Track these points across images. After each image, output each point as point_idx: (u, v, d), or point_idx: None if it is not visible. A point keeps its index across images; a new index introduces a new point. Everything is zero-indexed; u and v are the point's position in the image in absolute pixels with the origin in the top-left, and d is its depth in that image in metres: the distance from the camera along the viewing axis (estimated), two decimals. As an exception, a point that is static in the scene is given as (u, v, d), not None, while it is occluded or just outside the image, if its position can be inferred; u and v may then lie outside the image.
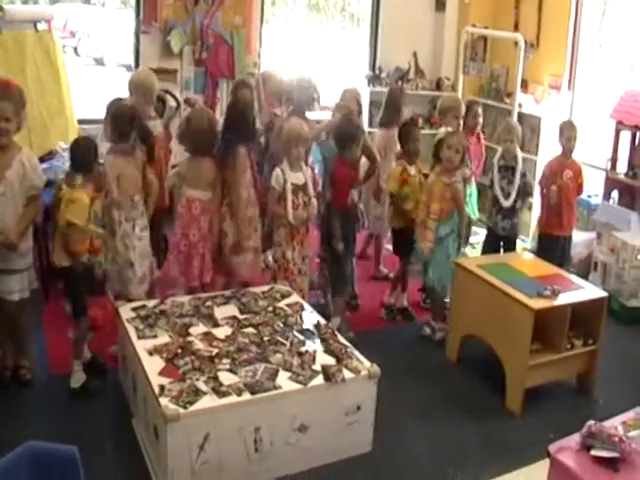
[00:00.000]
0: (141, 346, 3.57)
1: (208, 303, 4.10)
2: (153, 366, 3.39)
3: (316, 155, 5.00)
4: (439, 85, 7.86)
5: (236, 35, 6.85)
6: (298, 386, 3.34)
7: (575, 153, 5.27)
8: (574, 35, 6.98)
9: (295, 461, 3.37)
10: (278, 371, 3.42)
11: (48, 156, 4.99)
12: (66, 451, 2.29)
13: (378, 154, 5.08)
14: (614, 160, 6.27)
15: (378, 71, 7.80)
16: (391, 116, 5.62)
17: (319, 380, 3.39)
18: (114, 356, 4.13)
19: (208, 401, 3.15)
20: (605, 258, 5.71)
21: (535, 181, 5.57)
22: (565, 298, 4.10)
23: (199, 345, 3.62)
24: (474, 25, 7.67)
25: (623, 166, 6.21)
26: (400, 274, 5.27)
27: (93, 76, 13.10)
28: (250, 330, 3.83)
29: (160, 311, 3.96)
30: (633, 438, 2.74)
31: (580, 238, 6.04)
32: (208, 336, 3.73)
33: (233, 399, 3.18)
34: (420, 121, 7.58)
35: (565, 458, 2.72)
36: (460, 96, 7.12)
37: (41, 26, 5.58)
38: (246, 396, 3.21)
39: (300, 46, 12.63)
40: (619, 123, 6.12)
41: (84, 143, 3.93)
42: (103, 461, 3.36)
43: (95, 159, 3.90)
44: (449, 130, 5.20)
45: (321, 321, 4.00)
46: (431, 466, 3.57)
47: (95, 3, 16.16)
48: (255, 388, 3.26)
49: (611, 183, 6.28)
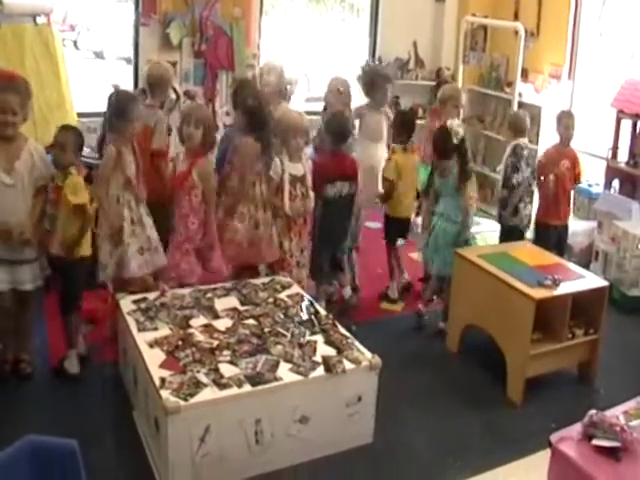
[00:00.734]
0: (142, 339, 3.57)
1: (208, 295, 4.10)
2: (154, 358, 3.39)
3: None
4: (439, 75, 7.84)
5: (235, 27, 6.83)
6: (299, 377, 3.34)
7: (576, 142, 5.26)
8: (574, 24, 6.96)
9: (296, 453, 3.37)
10: (279, 362, 3.42)
11: (48, 149, 4.98)
12: (66, 445, 2.28)
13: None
14: (615, 149, 6.26)
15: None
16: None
17: (320, 371, 3.39)
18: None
19: (209, 393, 3.15)
20: (606, 247, 5.70)
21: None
22: (566, 287, 4.10)
23: (200, 337, 3.62)
24: (474, 14, 7.65)
25: (624, 155, 6.21)
26: (391, 261, 5.37)
27: (93, 69, 13.08)
28: (251, 322, 3.83)
29: (160, 303, 3.95)
30: (634, 427, 2.74)
31: (581, 227, 6.04)
32: (209, 328, 3.73)
33: (234, 391, 3.18)
34: (420, 111, 7.57)
35: (566, 448, 2.72)
36: (460, 85, 7.10)
37: (40, 19, 5.55)
38: (247, 388, 3.21)
39: (300, 37, 12.60)
40: (620, 112, 6.11)
41: (74, 130, 3.98)
42: (103, 454, 3.36)
43: (81, 149, 3.96)
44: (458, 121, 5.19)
45: (321, 312, 4.00)
46: (432, 456, 3.58)
47: (94, -4, 16.12)
48: (256, 380, 3.26)
49: (612, 172, 6.27)
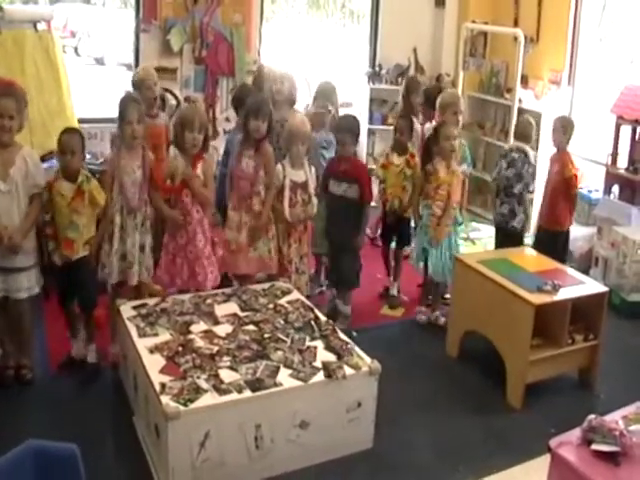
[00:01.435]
0: (142, 344, 3.58)
1: (209, 301, 4.10)
2: (154, 364, 3.40)
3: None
4: (438, 80, 7.85)
5: (236, 33, 6.85)
6: (299, 383, 3.34)
7: (575, 148, 5.28)
8: (574, 30, 6.98)
9: (296, 458, 3.37)
10: (279, 368, 3.42)
11: (48, 156, 4.99)
12: (67, 449, 2.29)
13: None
14: (615, 155, 6.25)
15: (378, 68, 7.81)
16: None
17: (320, 377, 3.40)
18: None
19: (209, 399, 3.15)
20: (606, 253, 5.71)
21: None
22: (566, 293, 4.10)
23: (200, 343, 3.63)
24: (474, 21, 7.67)
25: (624, 161, 6.20)
26: (387, 260, 5.42)
27: (93, 76, 13.11)
28: (251, 327, 3.83)
29: (161, 309, 3.96)
30: (634, 432, 2.73)
31: (581, 233, 6.05)
32: (209, 334, 3.74)
33: (234, 396, 3.18)
34: (421, 116, 7.58)
35: (566, 452, 2.72)
36: (460, 92, 7.12)
37: (41, 26, 5.57)
38: (247, 393, 3.21)
39: (300, 43, 12.62)
40: (619, 118, 6.11)
41: (79, 133, 4.03)
42: (104, 459, 3.36)
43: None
44: (437, 123, 5.23)
45: (322, 318, 4.00)
46: (432, 462, 3.57)
47: (95, 3, 16.14)
48: (256, 385, 3.26)
49: (612, 178, 6.27)
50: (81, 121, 5.97)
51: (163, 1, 6.54)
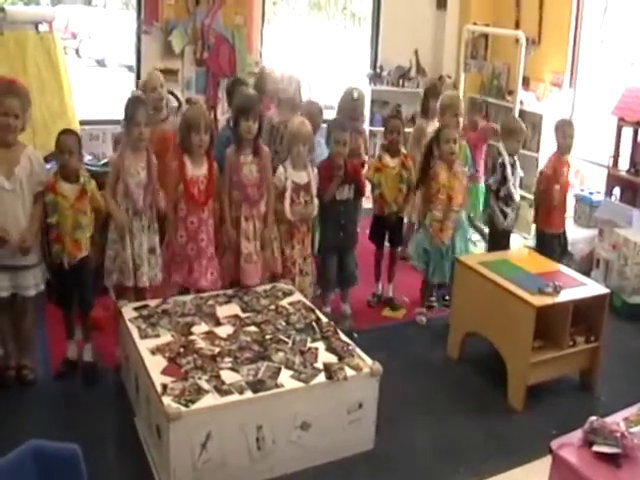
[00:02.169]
0: (143, 345, 3.59)
1: (210, 302, 4.11)
2: (155, 365, 3.41)
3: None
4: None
5: (237, 34, 6.86)
6: (300, 384, 3.34)
7: (576, 150, 5.28)
8: (575, 32, 6.98)
9: (297, 459, 3.37)
10: (280, 369, 3.43)
11: (50, 157, 5.00)
12: (68, 450, 2.29)
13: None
14: (616, 157, 6.26)
15: (379, 70, 7.81)
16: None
17: (321, 378, 3.40)
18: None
19: (210, 400, 3.16)
20: (607, 255, 5.70)
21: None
22: (567, 295, 4.10)
23: (201, 344, 3.64)
24: (475, 23, 7.68)
25: (625, 163, 6.21)
26: (379, 263, 5.35)
27: (95, 77, 13.12)
28: (252, 329, 3.84)
29: (162, 310, 3.97)
30: (635, 434, 2.74)
31: (582, 235, 6.05)
32: (210, 335, 3.74)
33: (235, 397, 3.19)
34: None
35: (567, 454, 2.72)
36: (461, 94, 7.12)
37: (42, 27, 5.59)
38: (248, 394, 3.21)
39: (301, 45, 12.63)
40: (621, 120, 6.12)
41: (76, 134, 4.03)
42: (105, 460, 3.36)
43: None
44: (437, 125, 5.22)
45: (323, 319, 4.00)
46: (433, 463, 3.57)
47: (96, 4, 16.18)
48: (257, 386, 3.27)
49: (613, 180, 6.27)
50: (82, 122, 6.00)
51: (164, 3, 6.55)
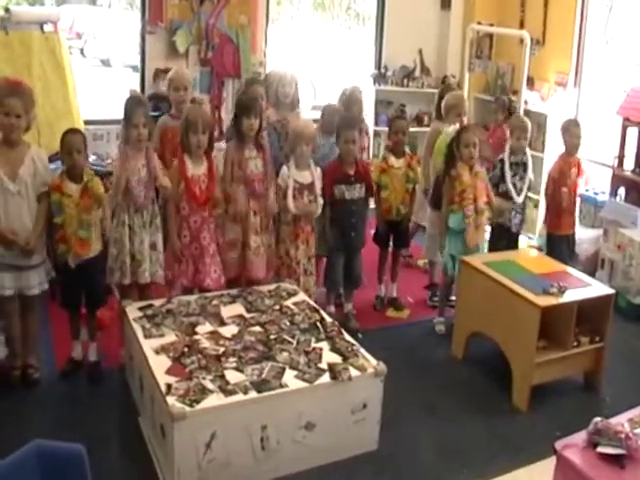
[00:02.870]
0: (148, 345, 3.59)
1: (214, 302, 4.11)
2: (160, 365, 3.41)
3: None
4: (445, 82, 7.85)
5: (241, 34, 6.85)
6: (304, 384, 3.35)
7: (582, 150, 5.26)
8: (580, 32, 6.96)
9: (301, 459, 3.37)
10: (284, 369, 3.43)
11: (55, 156, 5.01)
12: (73, 449, 2.30)
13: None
14: (621, 157, 6.25)
15: (384, 70, 7.80)
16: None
17: (325, 378, 3.40)
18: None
19: (215, 399, 3.16)
20: (612, 255, 5.69)
21: (541, 179, 5.57)
22: (571, 295, 4.09)
23: (206, 344, 3.64)
24: (479, 22, 7.65)
25: (630, 163, 6.20)
26: (383, 265, 5.32)
27: (99, 77, 13.15)
28: (256, 329, 3.84)
29: (167, 310, 3.97)
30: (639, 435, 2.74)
31: (587, 235, 6.03)
32: (215, 335, 3.74)
33: (240, 397, 3.19)
34: (426, 118, 7.62)
35: (571, 455, 2.71)
36: (466, 94, 7.11)
37: (47, 27, 5.59)
38: (252, 394, 3.21)
39: (306, 45, 12.63)
40: (626, 120, 6.10)
41: (81, 133, 4.04)
42: (109, 460, 3.37)
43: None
44: (456, 127, 5.18)
45: (327, 319, 4.00)
46: (437, 463, 3.57)
47: (101, 4, 16.22)
48: (261, 386, 3.27)
49: (618, 180, 6.26)
50: (87, 122, 6.00)
51: (169, 3, 6.54)
